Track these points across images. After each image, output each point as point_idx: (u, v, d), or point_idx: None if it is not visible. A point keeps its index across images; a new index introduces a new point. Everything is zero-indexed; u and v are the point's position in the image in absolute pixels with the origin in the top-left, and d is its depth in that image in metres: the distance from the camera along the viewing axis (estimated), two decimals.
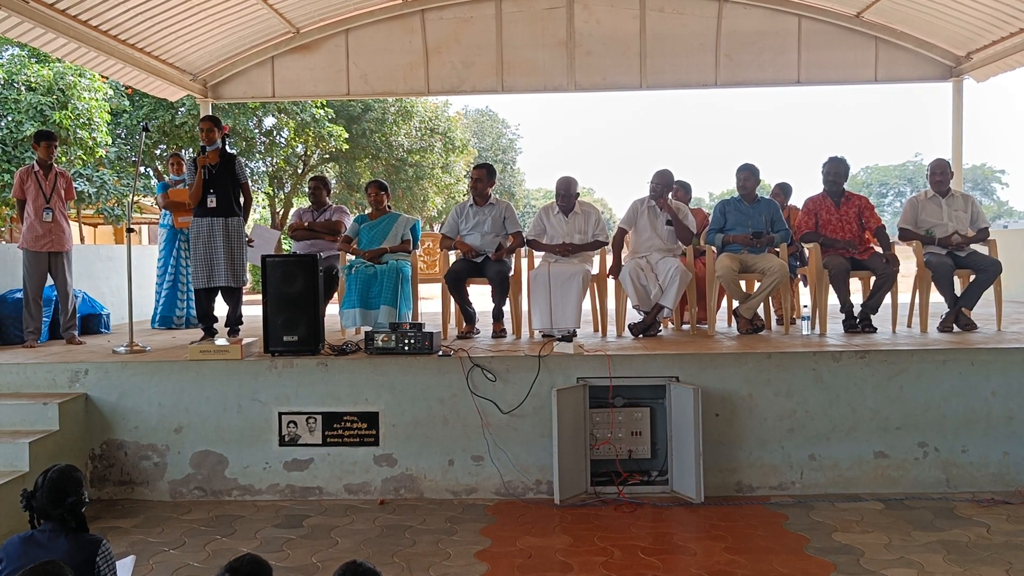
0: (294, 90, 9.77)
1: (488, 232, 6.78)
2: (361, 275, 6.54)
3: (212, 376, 5.41)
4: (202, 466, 5.40)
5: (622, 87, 9.45)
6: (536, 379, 5.28)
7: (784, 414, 5.30)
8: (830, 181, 6.71)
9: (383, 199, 7.18)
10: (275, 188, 23.47)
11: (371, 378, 5.38)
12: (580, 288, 6.29)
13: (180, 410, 5.41)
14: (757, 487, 5.29)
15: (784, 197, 8.08)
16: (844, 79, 9.36)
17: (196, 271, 6.50)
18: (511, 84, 9.36)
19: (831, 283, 6.47)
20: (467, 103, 43.27)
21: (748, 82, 9.35)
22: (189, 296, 8.00)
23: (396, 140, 23.26)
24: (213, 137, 6.53)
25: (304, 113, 19.95)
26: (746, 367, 5.31)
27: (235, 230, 6.55)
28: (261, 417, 5.39)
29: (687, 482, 5.13)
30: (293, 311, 5.56)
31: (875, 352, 5.34)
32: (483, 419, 5.30)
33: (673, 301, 6.33)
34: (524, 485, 5.31)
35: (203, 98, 9.63)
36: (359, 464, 5.37)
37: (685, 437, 5.13)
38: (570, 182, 6.83)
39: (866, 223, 6.66)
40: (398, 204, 23.76)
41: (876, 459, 5.29)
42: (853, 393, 5.29)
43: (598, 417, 5.33)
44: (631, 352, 5.53)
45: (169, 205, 7.95)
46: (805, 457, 5.30)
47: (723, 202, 6.93)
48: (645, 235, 6.71)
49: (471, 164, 27.17)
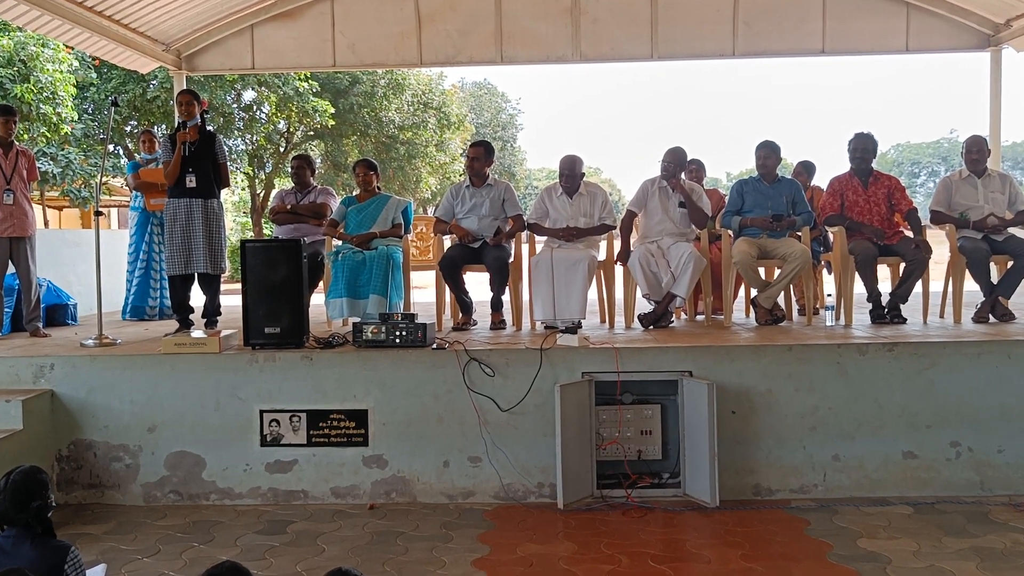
0: (276, 61, 9.74)
1: (486, 215, 6.79)
2: (348, 262, 6.55)
3: (188, 371, 5.43)
4: (178, 468, 5.42)
5: (631, 58, 9.43)
6: (538, 374, 5.29)
7: (806, 411, 5.32)
8: (857, 159, 6.71)
9: (372, 180, 7.19)
10: (255, 168, 23.46)
11: (360, 373, 5.39)
12: (585, 276, 6.29)
13: (154, 408, 5.42)
14: (776, 490, 5.31)
15: (807, 176, 8.08)
16: (872, 49, 9.33)
17: (171, 257, 6.51)
18: (511, 55, 9.34)
19: (857, 270, 6.48)
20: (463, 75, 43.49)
21: (768, 52, 9.33)
22: (163, 284, 8.01)
23: (386, 116, 23.25)
24: (192, 111, 6.53)
25: (287, 86, 19.93)
26: (765, 361, 5.33)
27: (214, 213, 6.57)
28: (241, 415, 5.40)
29: (701, 485, 5.15)
30: (275, 301, 5.58)
31: (904, 344, 5.36)
32: (481, 417, 5.32)
33: (686, 290, 6.33)
34: (525, 488, 5.34)
35: (177, 70, 9.61)
36: (347, 466, 5.39)
37: (699, 436, 5.15)
38: (575, 161, 6.82)
39: (896, 205, 6.66)
40: (389, 185, 23.76)
41: (904, 459, 5.31)
42: (880, 388, 5.30)
43: (605, 415, 5.34)
44: (640, 345, 5.54)
45: (141, 186, 7.95)
46: (828, 457, 5.32)
47: (741, 182, 6.93)
48: (656, 218, 6.71)
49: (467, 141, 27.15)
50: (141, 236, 8.06)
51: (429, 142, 24.81)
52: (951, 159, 58.10)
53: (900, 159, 64.59)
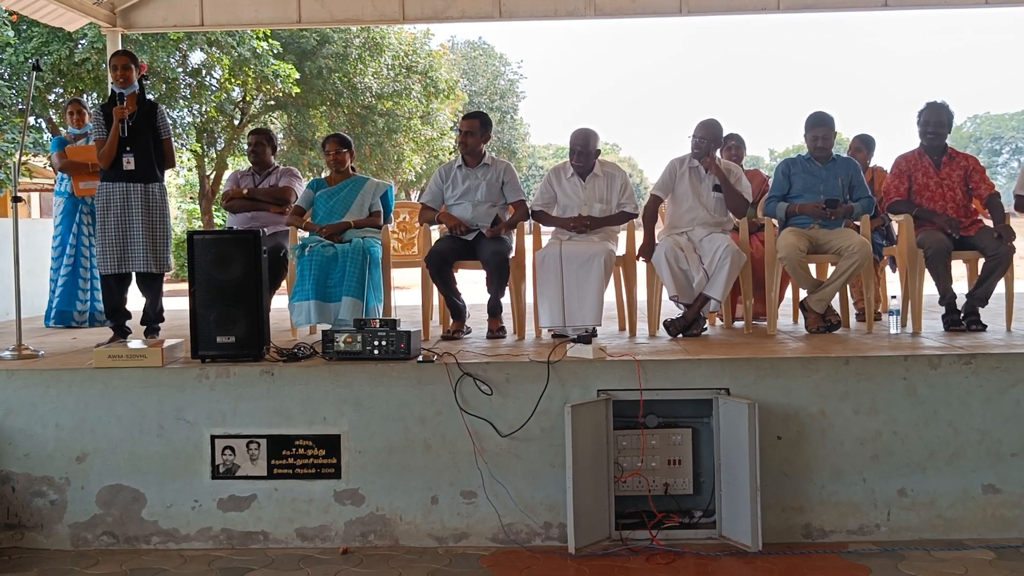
0: (229, 17, 9.75)
1: (482, 201, 6.79)
2: (317, 257, 6.55)
3: (125, 388, 5.42)
4: (112, 505, 5.42)
5: (656, 12, 9.43)
6: (544, 392, 5.29)
7: (866, 437, 5.32)
8: (930, 134, 6.71)
9: (345, 158, 7.19)
10: (204, 144, 23.44)
11: (331, 391, 5.39)
12: (601, 274, 6.30)
13: (84, 433, 5.42)
14: (831, 531, 5.31)
15: (866, 154, 8.07)
16: (946, 1, 9.33)
17: (104, 253, 6.51)
18: (512, 9, 9.34)
19: (927, 267, 6.48)
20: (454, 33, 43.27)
21: (820, 5, 9.34)
22: (94, 285, 8.01)
23: (362, 82, 23.20)
24: (130, 77, 6.53)
25: (242, 47, 19.89)
26: (817, 376, 5.33)
27: (156, 200, 6.57)
28: (188, 442, 5.40)
29: (740, 525, 5.15)
30: (229, 304, 5.57)
31: (984, 356, 5.35)
32: (476, 444, 5.32)
33: (722, 291, 6.34)
34: (529, 529, 5.34)
35: (110, 27, 9.60)
36: (315, 502, 5.39)
37: (737, 467, 5.15)
38: (589, 135, 6.83)
39: (974, 189, 6.66)
40: (365, 165, 23.74)
41: (986, 495, 5.31)
42: (956, 410, 5.30)
43: (625, 441, 5.34)
44: (668, 356, 5.54)
45: (67, 167, 7.94)
46: (893, 492, 5.32)
47: (787, 162, 6.94)
48: (686, 204, 6.72)
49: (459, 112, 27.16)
50: (68, 227, 8.05)
51: (413, 113, 24.77)
52: None
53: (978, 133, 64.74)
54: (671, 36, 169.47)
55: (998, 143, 64.02)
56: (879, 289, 7.48)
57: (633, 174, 60.00)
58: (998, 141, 64.05)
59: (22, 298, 6.24)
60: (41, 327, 7.98)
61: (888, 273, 7.89)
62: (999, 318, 6.63)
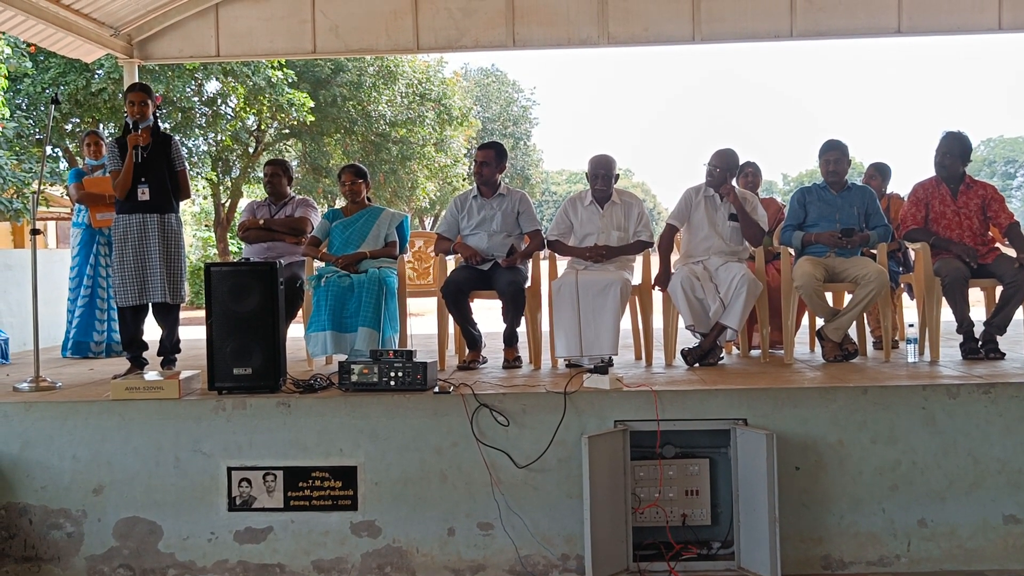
0: (245, 47, 9.80)
1: (497, 231, 6.81)
2: (333, 288, 6.56)
3: (141, 420, 5.44)
4: (129, 537, 5.42)
5: (669, 40, 9.43)
6: (561, 423, 5.28)
7: (885, 467, 5.29)
8: (947, 165, 6.70)
9: (361, 189, 7.21)
10: (220, 173, 23.57)
11: (347, 422, 5.39)
12: (617, 303, 6.29)
13: (100, 465, 5.43)
14: (850, 562, 5.28)
15: (881, 181, 8.07)
16: (958, 27, 9.32)
17: (122, 284, 6.52)
18: (525, 37, 9.37)
19: (944, 295, 6.46)
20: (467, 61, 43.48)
21: (833, 32, 9.33)
22: (111, 316, 8.04)
23: (376, 110, 23.32)
24: (146, 112, 6.55)
25: (257, 76, 20.02)
26: (835, 406, 5.31)
27: (172, 230, 6.58)
28: (205, 474, 5.41)
29: (759, 556, 5.12)
30: (246, 336, 5.58)
31: (1004, 385, 5.33)
32: (493, 475, 5.31)
33: (738, 320, 6.33)
34: (547, 561, 5.31)
35: (127, 58, 9.67)
36: (332, 534, 5.38)
37: (756, 497, 5.12)
38: (610, 161, 6.86)
39: (993, 218, 6.65)
40: (379, 193, 23.82)
41: (1006, 525, 5.27)
42: (975, 439, 5.27)
43: (642, 472, 5.32)
44: (685, 387, 5.53)
45: (85, 198, 7.98)
46: (913, 523, 5.28)
47: (802, 190, 6.93)
48: (702, 233, 6.72)
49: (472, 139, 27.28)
50: (85, 258, 8.09)
51: (427, 140, 24.87)
52: None
53: (992, 157, 64.58)
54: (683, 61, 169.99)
55: (1012, 166, 63.86)
56: (896, 317, 7.45)
57: (647, 199, 60.06)
58: (1012, 164, 63.89)
59: (39, 329, 6.26)
60: (58, 357, 8.00)
61: (905, 300, 7.87)
62: (1018, 346, 6.61)
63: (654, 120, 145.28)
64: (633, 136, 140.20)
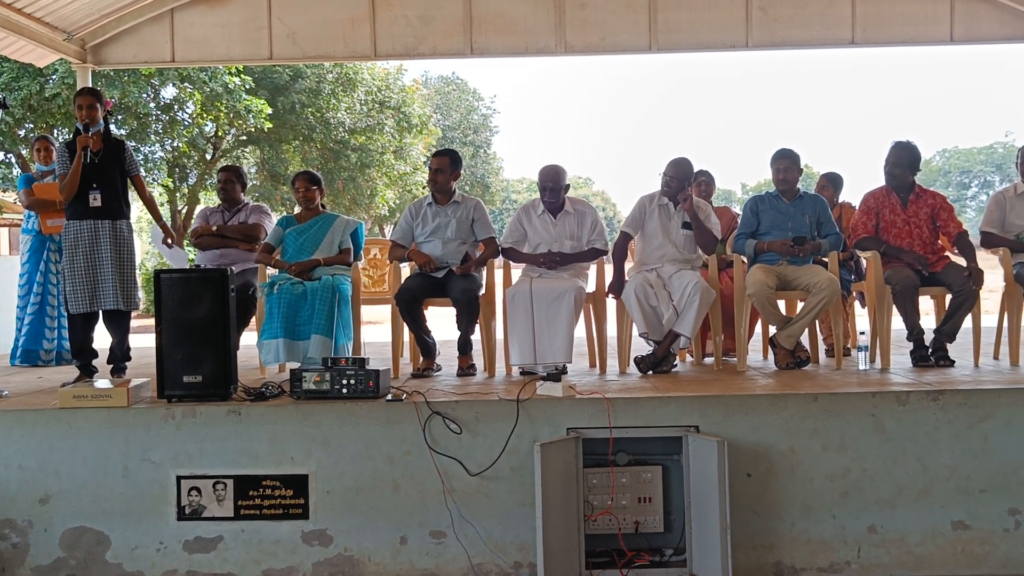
0: (201, 53, 9.75)
1: (452, 238, 6.80)
2: (286, 295, 6.53)
3: (90, 429, 5.37)
4: (76, 548, 5.35)
5: (626, 49, 9.50)
6: (514, 430, 5.27)
7: (836, 474, 5.32)
8: (896, 175, 6.77)
9: (315, 195, 7.18)
10: (176, 180, 23.38)
11: (299, 431, 5.36)
12: (571, 311, 6.31)
13: (47, 474, 5.36)
14: (802, 569, 5.31)
15: (833, 191, 8.12)
16: (911, 39, 9.45)
17: (73, 292, 6.45)
18: (483, 45, 9.38)
19: (895, 303, 6.52)
20: (428, 69, 43.37)
21: (788, 43, 9.43)
22: (61, 323, 7.94)
23: (335, 117, 23.23)
24: (95, 116, 6.50)
25: (214, 82, 19.89)
26: (786, 413, 5.34)
27: (124, 237, 6.53)
28: (154, 483, 5.35)
29: (711, 563, 5.13)
30: (196, 343, 5.53)
31: (952, 392, 5.38)
32: (445, 483, 5.29)
33: (691, 327, 6.35)
34: (499, 569, 5.30)
35: (81, 63, 9.59)
36: (283, 543, 5.33)
37: (708, 504, 5.14)
38: (559, 172, 6.86)
39: (942, 227, 6.72)
40: (338, 201, 23.73)
41: (955, 531, 5.32)
42: (924, 446, 5.32)
43: (595, 479, 5.33)
44: (637, 394, 5.54)
45: (35, 204, 7.89)
46: (863, 529, 5.32)
47: (755, 199, 6.98)
48: (655, 242, 6.75)
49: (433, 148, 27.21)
50: (35, 265, 7.99)
51: (386, 148, 24.80)
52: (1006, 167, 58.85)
53: (947, 167, 65.38)
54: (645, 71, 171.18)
55: (967, 176, 64.68)
56: (848, 325, 7.51)
57: (606, 208, 60.21)
58: (967, 175, 64.71)
59: None
60: (6, 366, 7.90)
61: (857, 308, 7.93)
62: (967, 353, 6.68)
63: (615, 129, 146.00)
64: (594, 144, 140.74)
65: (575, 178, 19.62)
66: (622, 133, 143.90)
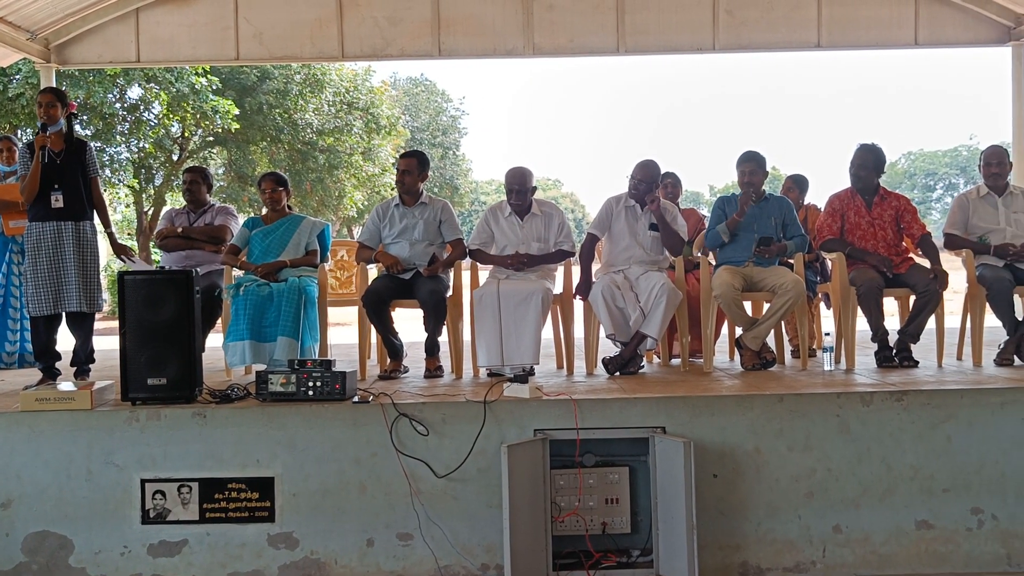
0: (167, 53, 9.70)
1: (419, 240, 6.79)
2: (252, 297, 6.49)
3: (52, 432, 5.32)
4: (38, 552, 5.30)
5: (594, 51, 9.54)
6: (481, 432, 5.27)
7: (801, 474, 5.35)
8: (861, 177, 6.82)
9: (281, 197, 7.15)
10: (142, 180, 23.21)
11: (264, 433, 5.33)
12: (538, 312, 6.31)
13: (9, 478, 5.30)
14: (767, 569, 5.33)
15: (799, 193, 8.18)
16: (876, 42, 9.56)
17: (35, 293, 6.39)
18: (451, 47, 9.40)
19: (860, 304, 6.57)
20: (396, 70, 43.32)
21: (755, 45, 9.51)
22: (24, 325, 7.84)
23: (302, 118, 23.13)
24: (55, 115, 6.44)
25: (181, 82, 19.75)
26: (752, 414, 5.36)
27: (88, 238, 6.48)
28: (118, 486, 5.31)
29: (677, 563, 5.15)
30: (161, 345, 5.49)
31: (916, 393, 5.43)
32: (412, 485, 5.28)
33: (658, 329, 6.37)
34: (467, 571, 5.30)
35: (44, 63, 9.52)
36: (248, 546, 5.31)
37: (674, 505, 5.15)
38: (525, 174, 6.86)
39: (906, 229, 6.77)
40: (306, 202, 23.62)
41: (918, 530, 5.36)
42: (888, 446, 5.36)
43: (562, 480, 5.33)
44: (604, 395, 5.55)
45: None
46: (828, 529, 5.35)
47: (723, 199, 7.01)
48: (622, 243, 6.76)
49: (401, 149, 27.15)
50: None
51: (354, 149, 24.70)
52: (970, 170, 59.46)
53: (912, 169, 65.90)
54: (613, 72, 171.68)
55: (932, 179, 65.20)
56: (813, 326, 7.56)
57: (575, 209, 60.30)
58: (932, 177, 65.23)
59: None
60: None
61: (822, 309, 7.98)
62: (931, 353, 6.73)
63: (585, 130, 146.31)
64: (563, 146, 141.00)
65: (544, 180, 19.65)
66: (591, 135, 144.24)
